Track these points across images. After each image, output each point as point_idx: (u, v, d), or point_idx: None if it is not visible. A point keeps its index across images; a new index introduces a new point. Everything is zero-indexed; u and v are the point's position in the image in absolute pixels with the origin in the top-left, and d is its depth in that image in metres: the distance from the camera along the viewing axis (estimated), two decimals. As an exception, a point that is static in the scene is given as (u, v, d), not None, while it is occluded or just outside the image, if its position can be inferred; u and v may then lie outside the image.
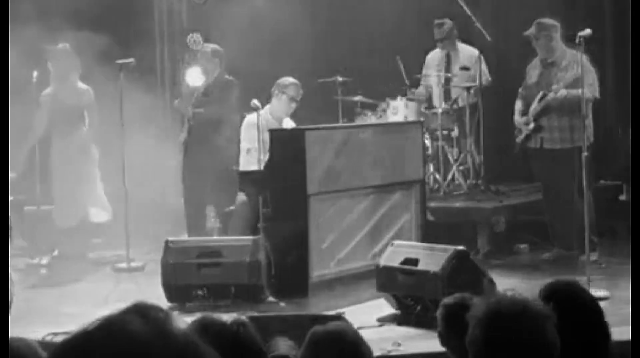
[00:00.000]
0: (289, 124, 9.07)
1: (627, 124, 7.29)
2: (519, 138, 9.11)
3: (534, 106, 8.93)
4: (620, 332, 3.87)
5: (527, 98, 9.09)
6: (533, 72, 9.08)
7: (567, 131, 8.77)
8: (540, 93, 8.89)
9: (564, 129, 8.82)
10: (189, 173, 9.41)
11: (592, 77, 8.71)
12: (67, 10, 9.93)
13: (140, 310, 1.55)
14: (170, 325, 1.54)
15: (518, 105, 9.19)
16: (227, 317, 3.13)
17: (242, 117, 9.14)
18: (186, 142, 9.54)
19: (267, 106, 8.97)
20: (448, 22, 10.42)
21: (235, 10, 10.36)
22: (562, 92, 8.75)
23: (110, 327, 1.52)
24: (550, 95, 8.81)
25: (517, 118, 9.14)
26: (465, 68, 10.35)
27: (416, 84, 10.60)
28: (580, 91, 8.03)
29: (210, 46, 9.62)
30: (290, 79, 9.05)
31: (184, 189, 9.50)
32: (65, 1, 9.98)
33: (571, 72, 8.67)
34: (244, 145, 8.95)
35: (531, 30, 8.90)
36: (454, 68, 10.47)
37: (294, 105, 9.00)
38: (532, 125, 8.96)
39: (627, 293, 5.37)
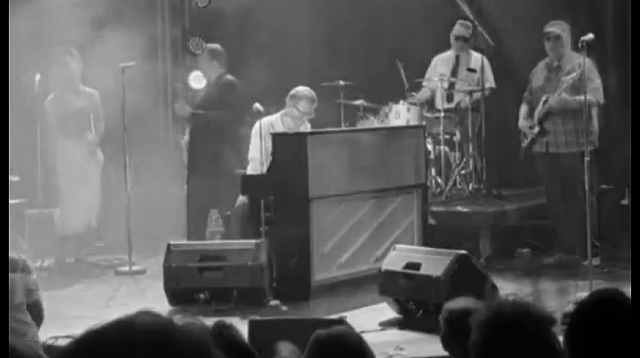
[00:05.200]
0: (305, 128, 8.94)
1: (628, 127, 7.27)
2: (524, 143, 9.09)
3: (539, 109, 8.92)
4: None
5: (532, 102, 9.06)
6: (539, 75, 9.05)
7: (572, 135, 8.74)
8: (544, 96, 8.87)
9: (569, 133, 8.80)
10: (192, 176, 9.41)
11: (597, 82, 8.70)
12: (70, 13, 9.93)
13: (149, 315, 1.56)
14: (179, 328, 1.56)
15: (523, 109, 9.17)
16: (209, 322, 3.14)
17: (245, 121, 9.13)
18: (188, 145, 9.54)
19: (281, 112, 8.90)
20: (471, 26, 10.44)
21: (237, 14, 10.36)
22: (565, 97, 8.75)
23: (120, 326, 1.53)
24: (553, 98, 8.81)
25: (522, 122, 9.12)
26: (472, 70, 10.35)
27: (417, 88, 10.58)
28: (582, 96, 8.02)
29: (208, 47, 9.61)
30: (305, 93, 8.83)
31: (187, 193, 9.48)
32: (67, 4, 9.98)
33: (572, 75, 8.65)
34: (249, 152, 8.94)
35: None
36: (461, 71, 10.47)
37: (306, 118, 8.86)
38: (537, 129, 8.95)
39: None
